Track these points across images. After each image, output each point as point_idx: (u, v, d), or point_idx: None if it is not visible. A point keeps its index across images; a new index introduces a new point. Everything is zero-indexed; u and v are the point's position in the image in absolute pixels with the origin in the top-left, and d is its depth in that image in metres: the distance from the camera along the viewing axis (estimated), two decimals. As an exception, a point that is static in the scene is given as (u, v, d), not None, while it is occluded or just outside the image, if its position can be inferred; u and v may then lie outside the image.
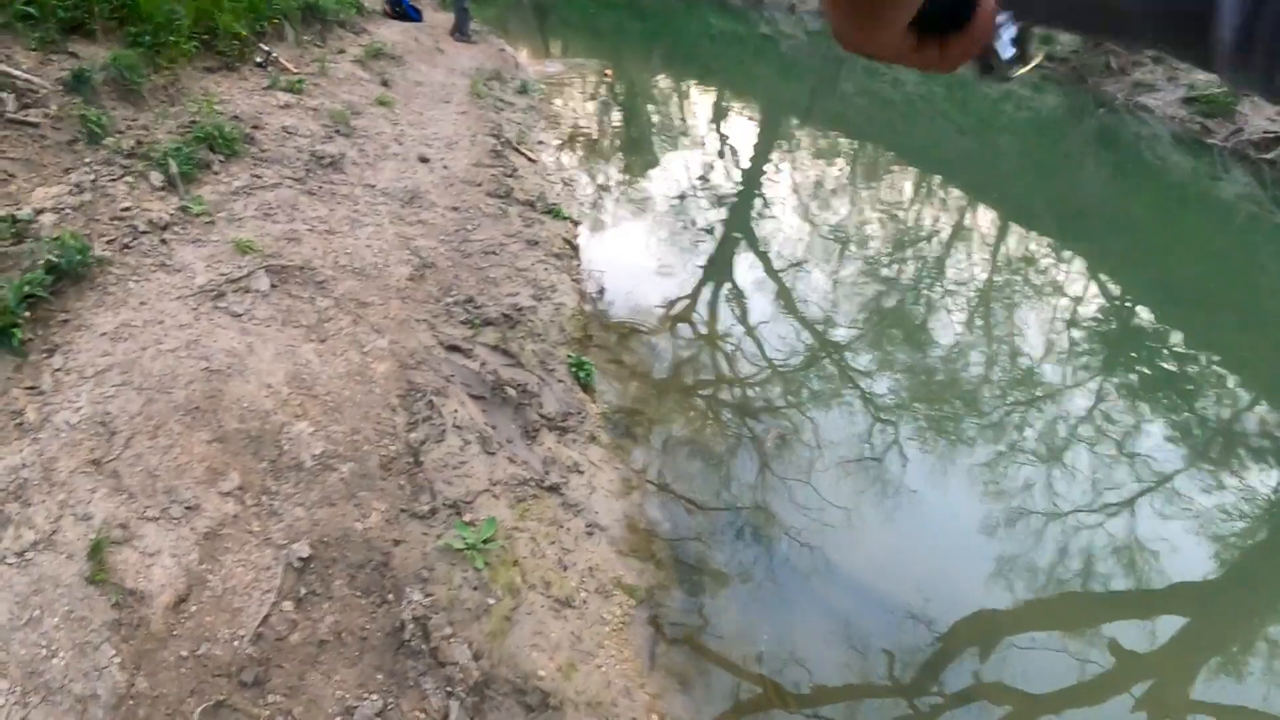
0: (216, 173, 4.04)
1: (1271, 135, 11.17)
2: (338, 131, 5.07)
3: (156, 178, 3.68)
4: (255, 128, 4.61)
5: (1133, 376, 4.91)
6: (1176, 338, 5.56)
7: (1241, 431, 4.44)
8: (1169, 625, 3.07)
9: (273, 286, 3.30)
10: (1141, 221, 8.49)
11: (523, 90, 8.00)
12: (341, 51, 6.77)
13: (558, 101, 8.98)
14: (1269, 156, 10.95)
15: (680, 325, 4.61)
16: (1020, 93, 13.87)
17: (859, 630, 2.77)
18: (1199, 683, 2.88)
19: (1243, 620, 3.20)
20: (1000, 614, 3.00)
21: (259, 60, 5.60)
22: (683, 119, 10.01)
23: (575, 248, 4.77)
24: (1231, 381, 5.07)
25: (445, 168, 5.09)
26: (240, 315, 3.06)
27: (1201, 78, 13.06)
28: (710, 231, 6.01)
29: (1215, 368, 5.19)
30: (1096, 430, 4.17)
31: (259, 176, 4.16)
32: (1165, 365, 5.14)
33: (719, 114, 10.68)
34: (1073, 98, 13.85)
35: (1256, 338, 5.78)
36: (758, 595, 2.83)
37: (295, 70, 5.78)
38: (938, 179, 8.79)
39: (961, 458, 3.78)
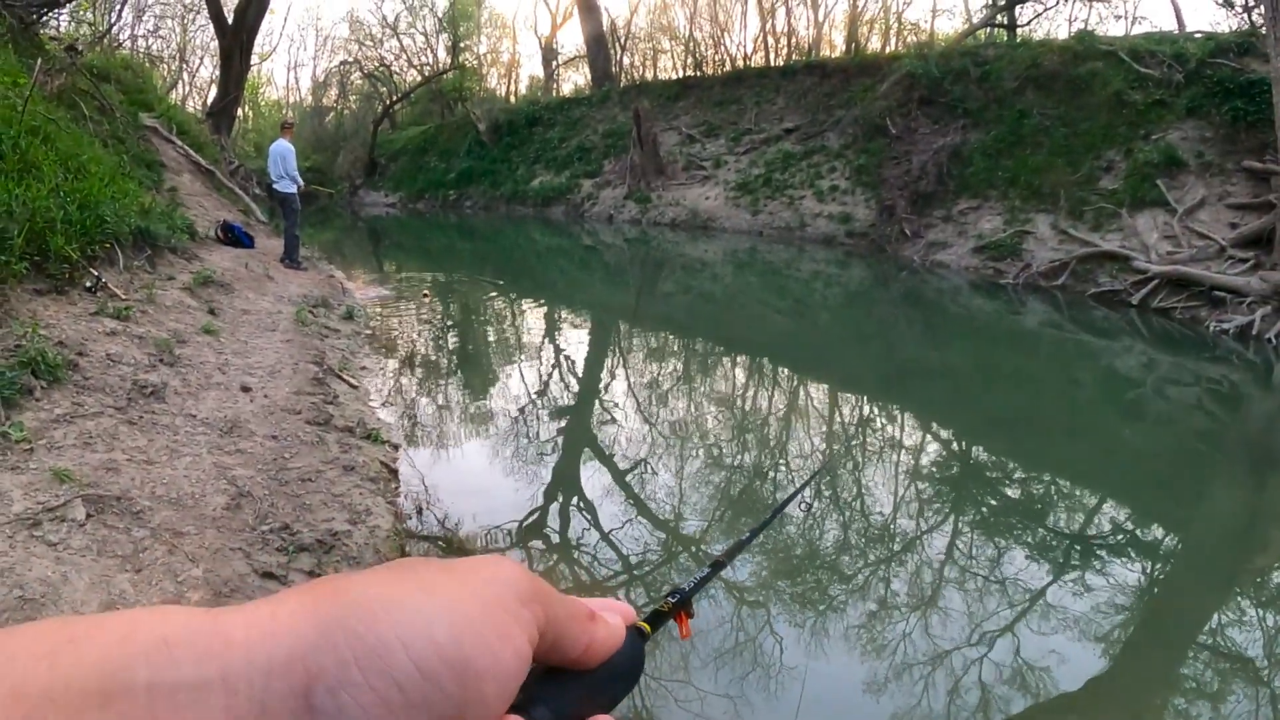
0: (39, 399, 4.21)
1: (1056, 263, 12.94)
2: (162, 360, 5.34)
3: (-22, 403, 3.84)
4: (80, 354, 4.82)
5: (984, 510, 5.32)
6: (1015, 464, 6.17)
7: (1096, 533, 4.90)
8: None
9: (89, 516, 3.48)
10: (960, 366, 9.27)
11: (348, 316, 8.52)
12: (171, 278, 7.10)
13: (384, 325, 9.47)
14: (1058, 283, 12.65)
15: (531, 539, 4.75)
16: (830, 270, 15.46)
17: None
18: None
19: (1140, 706, 3.48)
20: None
21: (89, 285, 5.83)
22: (515, 333, 10.49)
23: (394, 471, 5.11)
24: (1072, 490, 5.65)
25: (266, 396, 5.43)
26: (56, 545, 3.22)
27: (987, 226, 14.67)
28: (551, 443, 6.25)
29: (1056, 482, 5.78)
30: (961, 569, 4.37)
31: (80, 405, 4.35)
32: (1009, 492, 5.64)
33: (551, 325, 11.18)
34: (876, 267, 15.27)
35: (1085, 445, 6.54)
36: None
37: (124, 296, 6.05)
38: (765, 362, 9.29)
39: (835, 625, 3.83)
